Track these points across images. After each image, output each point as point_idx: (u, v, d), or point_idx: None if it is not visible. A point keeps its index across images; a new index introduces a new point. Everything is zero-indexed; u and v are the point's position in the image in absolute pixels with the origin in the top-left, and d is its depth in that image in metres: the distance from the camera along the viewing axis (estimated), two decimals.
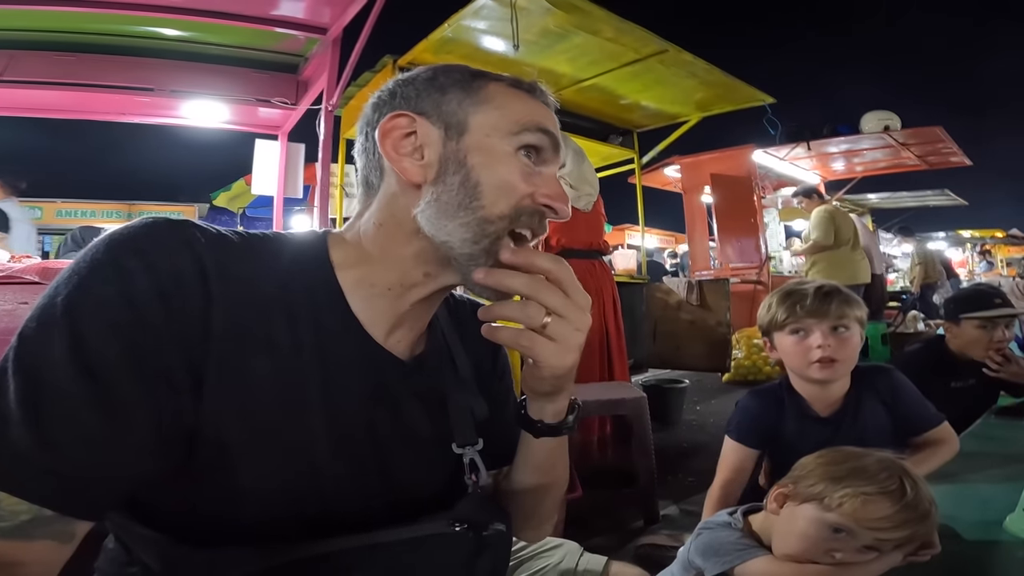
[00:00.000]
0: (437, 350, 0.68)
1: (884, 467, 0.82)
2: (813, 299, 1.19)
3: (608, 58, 3.54)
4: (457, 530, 0.58)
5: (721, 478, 1.23)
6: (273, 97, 3.41)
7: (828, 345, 1.17)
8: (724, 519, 0.98)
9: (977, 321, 1.86)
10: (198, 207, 10.85)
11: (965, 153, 6.75)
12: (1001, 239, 14.24)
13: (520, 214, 0.58)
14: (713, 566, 0.89)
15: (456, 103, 0.59)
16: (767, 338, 1.31)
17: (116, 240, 0.50)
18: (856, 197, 8.92)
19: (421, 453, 0.63)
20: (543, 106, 0.63)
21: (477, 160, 0.58)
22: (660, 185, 7.24)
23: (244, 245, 0.56)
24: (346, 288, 0.59)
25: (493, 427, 0.68)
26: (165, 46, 3.20)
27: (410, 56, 3.31)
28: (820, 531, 0.80)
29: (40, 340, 0.45)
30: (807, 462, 0.89)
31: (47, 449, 0.43)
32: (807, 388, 1.25)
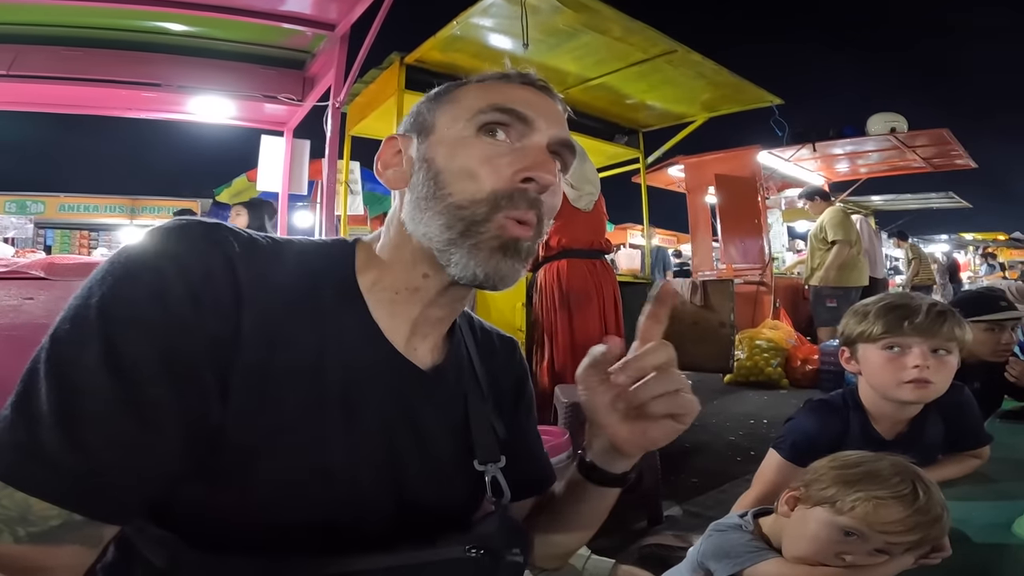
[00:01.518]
0: (459, 363, 0.67)
1: (897, 471, 0.82)
2: (926, 317, 1.08)
3: (616, 57, 3.54)
4: (473, 555, 0.57)
5: (759, 492, 1.15)
6: (279, 93, 3.41)
7: (927, 366, 1.07)
8: (735, 521, 0.98)
9: (984, 324, 1.85)
10: (200, 202, 10.83)
11: (970, 155, 6.74)
12: (1004, 242, 14.21)
13: (499, 196, 0.57)
14: (724, 568, 0.89)
15: (427, 110, 0.63)
16: (847, 348, 1.20)
17: (150, 242, 0.50)
18: (859, 199, 8.91)
19: (439, 466, 0.62)
20: (515, 87, 0.62)
21: (438, 152, 0.60)
22: (664, 185, 7.23)
23: (274, 250, 0.57)
24: (366, 293, 0.60)
25: (513, 457, 0.67)
26: (172, 41, 3.20)
27: (417, 53, 3.30)
28: (831, 534, 0.81)
29: (73, 343, 0.45)
30: (819, 466, 0.89)
31: (79, 454, 0.42)
32: (882, 406, 1.15)
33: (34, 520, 0.42)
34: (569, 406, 2.35)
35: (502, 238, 0.57)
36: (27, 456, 0.42)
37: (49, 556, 0.43)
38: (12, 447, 0.43)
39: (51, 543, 0.43)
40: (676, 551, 1.59)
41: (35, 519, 0.42)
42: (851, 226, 4.62)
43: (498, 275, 0.57)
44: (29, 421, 0.43)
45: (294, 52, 3.38)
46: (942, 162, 7.04)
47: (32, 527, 0.42)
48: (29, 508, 0.42)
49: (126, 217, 10.53)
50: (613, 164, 5.01)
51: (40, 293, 1.89)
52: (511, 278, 0.58)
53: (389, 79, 3.44)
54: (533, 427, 0.79)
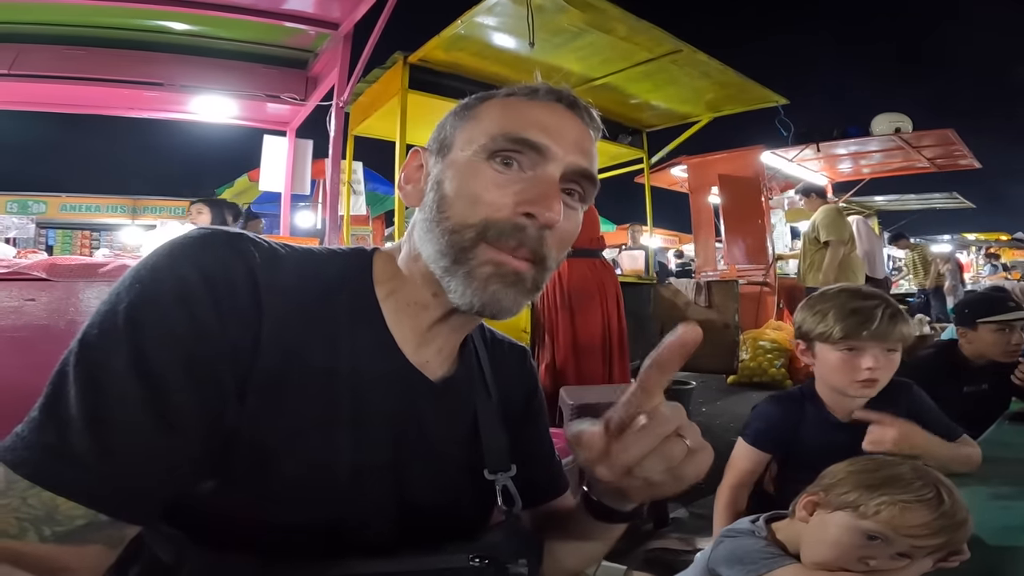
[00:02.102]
0: (469, 375, 0.67)
1: (919, 476, 0.81)
2: (881, 322, 1.14)
3: (621, 57, 3.53)
4: (476, 565, 0.56)
5: (731, 481, 1.23)
6: (282, 93, 3.41)
7: (879, 368, 1.14)
8: (747, 527, 0.96)
9: (994, 325, 1.85)
10: None
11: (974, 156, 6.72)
12: (1006, 242, 14.19)
13: (488, 227, 0.55)
14: (738, 574, 0.88)
15: (449, 127, 0.62)
16: (804, 343, 1.26)
17: (176, 250, 0.51)
18: (863, 199, 8.89)
19: (447, 476, 0.63)
20: (542, 106, 0.60)
21: (449, 174, 0.59)
22: (666, 185, 7.22)
23: (294, 259, 0.58)
24: (381, 302, 0.60)
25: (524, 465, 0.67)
26: (174, 40, 3.21)
27: (421, 53, 3.30)
28: (854, 538, 0.80)
29: (103, 348, 0.46)
30: (837, 470, 0.88)
31: (106, 456, 0.44)
32: (834, 397, 1.23)
33: (60, 520, 0.43)
34: (575, 408, 2.33)
35: (498, 268, 0.55)
36: (56, 457, 0.43)
37: (73, 556, 0.44)
38: (41, 448, 0.44)
39: (76, 543, 0.44)
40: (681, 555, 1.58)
41: (61, 519, 0.43)
42: (844, 225, 4.46)
43: (497, 305, 0.56)
44: (58, 423, 0.44)
45: (297, 51, 3.38)
46: (946, 162, 7.03)
47: (58, 527, 0.43)
48: (56, 508, 0.43)
49: (128, 217, 10.52)
50: (617, 164, 5.00)
51: (41, 294, 1.87)
52: (511, 310, 0.56)
53: (392, 78, 3.43)
54: (545, 434, 0.79)
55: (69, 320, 1.82)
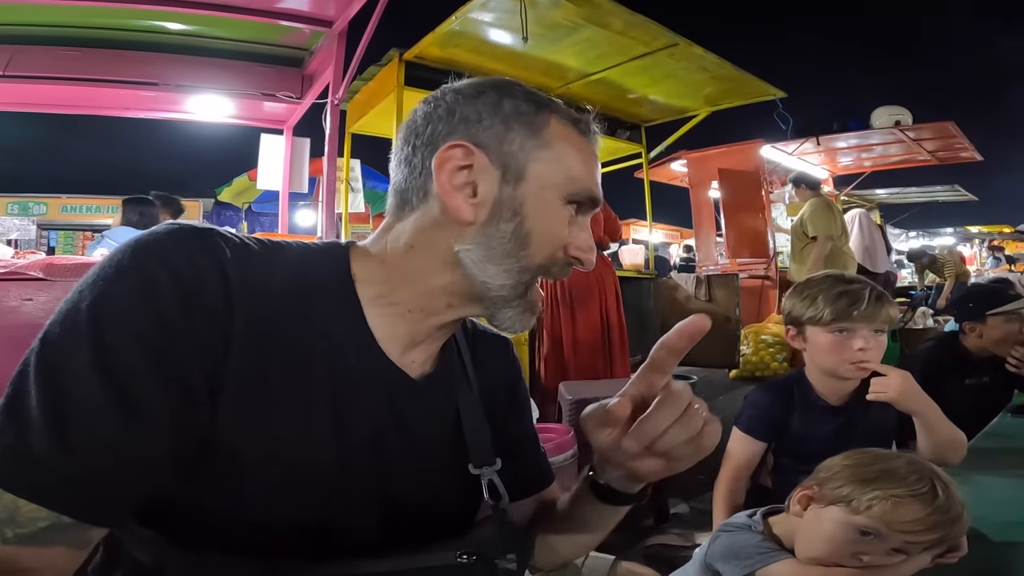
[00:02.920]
0: (450, 370, 0.67)
1: (914, 469, 0.80)
2: (869, 303, 1.18)
3: (617, 52, 3.51)
4: (464, 562, 0.57)
5: (728, 473, 1.24)
6: (278, 91, 3.41)
7: (870, 348, 1.17)
8: (743, 521, 0.96)
9: (1003, 317, 1.85)
10: (202, 202, 10.84)
11: (976, 148, 6.69)
12: (1009, 235, 14.15)
13: (551, 265, 0.60)
14: (734, 569, 0.87)
15: (519, 145, 0.58)
16: (795, 328, 1.29)
17: (142, 246, 0.50)
18: (864, 192, 8.87)
19: (431, 474, 0.62)
20: (592, 151, 0.63)
21: (531, 210, 0.58)
22: (666, 180, 7.21)
23: (266, 255, 0.56)
24: (365, 304, 0.59)
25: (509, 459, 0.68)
26: (169, 40, 3.20)
27: (416, 50, 3.29)
28: (847, 534, 0.79)
29: (64, 346, 0.45)
30: (832, 464, 0.87)
31: (68, 457, 0.43)
32: (824, 381, 1.26)
33: (22, 522, 0.42)
34: (574, 403, 2.33)
35: (533, 302, 0.62)
36: (16, 458, 0.43)
37: (35, 557, 0.43)
38: (1, 449, 0.43)
39: (38, 544, 0.43)
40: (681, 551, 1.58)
41: (23, 520, 0.42)
42: (832, 219, 4.27)
43: (527, 328, 0.62)
44: (19, 424, 0.43)
45: (292, 50, 3.38)
46: (947, 155, 7.00)
47: (20, 528, 0.42)
48: (17, 510, 0.42)
49: None
50: (615, 159, 4.99)
51: (39, 294, 1.87)
52: (529, 328, 0.63)
53: (388, 76, 3.42)
54: (529, 427, 0.79)
55: None
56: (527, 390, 0.80)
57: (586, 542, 0.73)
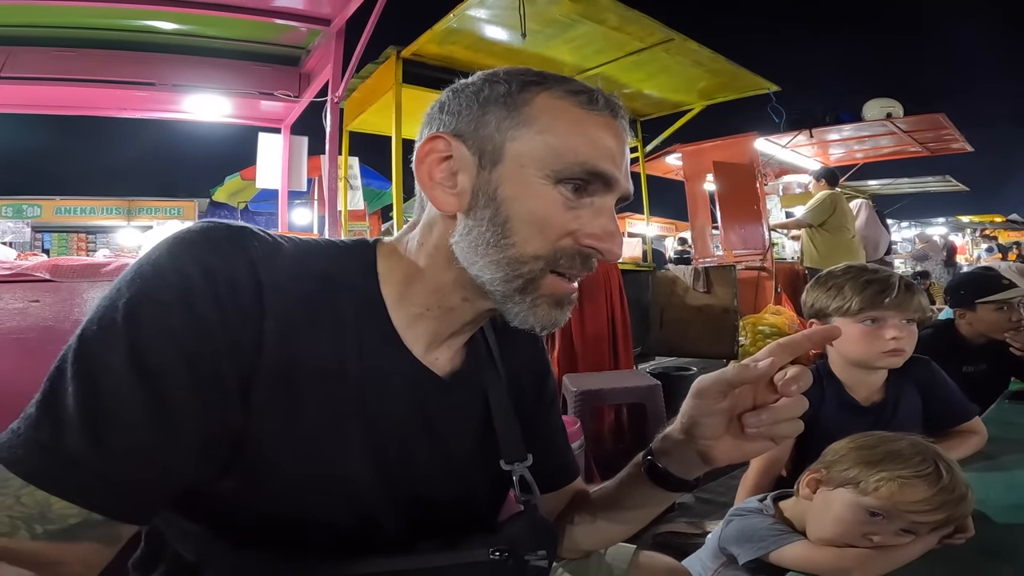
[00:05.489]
0: (478, 366, 0.66)
1: (918, 451, 0.83)
2: (899, 291, 1.16)
3: (613, 47, 3.51)
4: (496, 558, 0.57)
5: (757, 465, 1.21)
6: (276, 90, 3.39)
7: (903, 336, 1.15)
8: (755, 505, 0.99)
9: (993, 305, 1.86)
10: (198, 202, 10.79)
11: (967, 139, 6.74)
12: (1000, 224, 14.23)
13: (559, 256, 0.55)
14: (748, 552, 0.90)
15: (494, 125, 0.55)
16: (819, 321, 1.25)
17: (178, 245, 0.50)
18: (857, 184, 8.90)
19: (462, 471, 0.63)
20: (601, 122, 0.56)
21: (509, 193, 0.54)
22: (662, 173, 7.21)
23: (296, 253, 0.56)
24: (389, 302, 0.59)
25: (538, 452, 0.67)
26: (165, 40, 3.18)
27: (414, 47, 3.28)
28: (856, 515, 0.81)
29: (101, 344, 0.46)
30: (839, 447, 0.89)
31: (101, 455, 0.43)
32: (852, 375, 1.23)
33: (53, 518, 0.43)
34: (579, 395, 2.36)
35: (561, 296, 0.57)
36: (51, 456, 0.43)
37: (64, 552, 0.43)
38: (36, 446, 0.43)
39: (68, 540, 0.43)
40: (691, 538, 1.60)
41: (54, 517, 0.43)
42: (826, 210, 4.60)
43: (552, 325, 0.58)
44: (54, 421, 0.44)
45: (290, 48, 3.36)
46: (938, 146, 7.04)
47: (50, 524, 0.43)
48: (49, 507, 0.43)
49: (123, 219, 10.49)
50: None
51: (46, 295, 1.88)
52: (561, 324, 0.59)
53: (386, 74, 3.41)
54: (557, 420, 0.79)
55: (74, 321, 1.83)
56: (555, 384, 0.79)
57: (630, 527, 0.73)
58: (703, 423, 0.57)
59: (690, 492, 0.67)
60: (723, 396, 0.55)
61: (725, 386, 0.55)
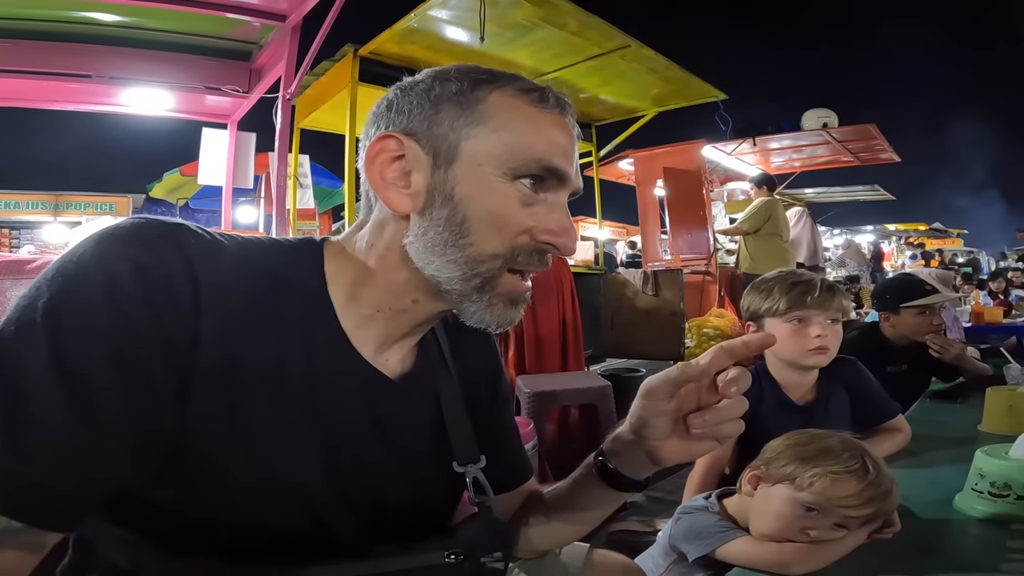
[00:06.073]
0: (431, 367, 0.65)
1: (847, 448, 0.86)
2: (820, 291, 1.24)
3: (571, 52, 3.56)
4: (452, 561, 0.56)
5: (702, 464, 1.26)
6: (223, 85, 3.28)
7: (826, 335, 1.23)
8: (701, 503, 1.01)
9: (916, 309, 1.99)
10: (132, 198, 10.23)
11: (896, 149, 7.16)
12: (924, 232, 15.21)
13: (517, 253, 0.56)
14: (696, 549, 0.92)
15: (448, 124, 0.55)
16: (754, 323, 1.34)
17: (104, 241, 0.48)
18: (795, 191, 9.31)
19: (415, 474, 0.62)
20: (553, 120, 0.57)
21: (466, 192, 0.54)
22: (614, 178, 7.34)
23: (239, 252, 0.54)
24: (337, 304, 0.57)
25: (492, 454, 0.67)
26: (105, 32, 3.03)
27: (372, 46, 3.23)
28: (794, 510, 0.84)
29: (19, 346, 0.43)
30: (776, 445, 0.93)
31: (21, 461, 0.42)
32: (786, 375, 1.31)
33: None
34: (532, 396, 2.39)
35: (517, 294, 0.58)
36: None
37: None
38: None
39: None
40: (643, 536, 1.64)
41: None
42: (760, 217, 4.77)
43: (507, 323, 0.58)
44: None
45: (240, 43, 3.26)
46: (868, 156, 7.42)
47: None
48: None
49: (50, 214, 9.84)
50: None
51: None
52: (515, 322, 0.59)
53: (342, 71, 3.35)
54: (510, 421, 0.79)
55: None
56: (508, 384, 0.79)
57: (583, 527, 0.73)
58: (651, 424, 0.58)
59: (640, 492, 0.67)
60: (670, 396, 0.57)
61: (671, 386, 0.57)
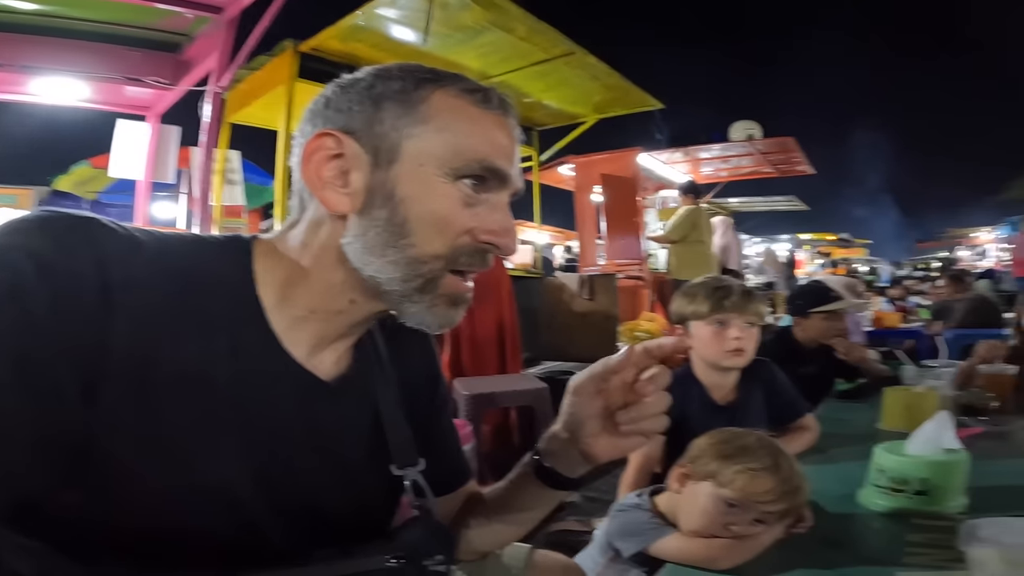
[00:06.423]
0: (367, 369, 0.64)
1: (762, 445, 0.92)
2: (737, 295, 1.35)
3: (518, 56, 3.60)
4: (393, 565, 0.56)
5: (634, 463, 1.30)
6: (146, 76, 3.09)
7: (743, 337, 1.33)
8: (634, 501, 1.05)
9: (824, 314, 2.17)
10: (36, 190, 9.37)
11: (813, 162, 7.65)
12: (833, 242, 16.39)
13: (459, 254, 0.55)
14: (630, 546, 0.96)
15: (390, 123, 0.54)
16: (682, 326, 1.43)
17: (6, 235, 0.45)
18: (721, 200, 9.77)
19: (352, 478, 0.60)
20: (495, 121, 0.57)
21: (407, 192, 0.53)
22: (554, 183, 7.45)
23: (158, 248, 0.51)
24: (268, 305, 0.55)
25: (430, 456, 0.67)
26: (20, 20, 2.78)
27: (314, 42, 3.14)
28: (717, 506, 0.87)
29: None
30: (700, 443, 0.96)
31: None
32: (710, 376, 1.40)
33: None
34: (470, 398, 2.39)
35: (458, 295, 0.57)
36: None
37: None
38: None
39: None
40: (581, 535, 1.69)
41: None
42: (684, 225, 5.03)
43: (448, 324, 0.58)
44: None
45: (169, 34, 3.10)
46: (787, 168, 7.90)
47: None
48: None
49: None
50: None
51: None
52: (456, 323, 0.59)
53: (279, 66, 3.24)
54: (449, 423, 0.78)
55: None
56: (446, 386, 0.78)
57: (523, 527, 0.74)
58: (583, 422, 0.61)
59: (576, 490, 0.68)
60: (597, 391, 0.60)
61: (596, 380, 0.60)
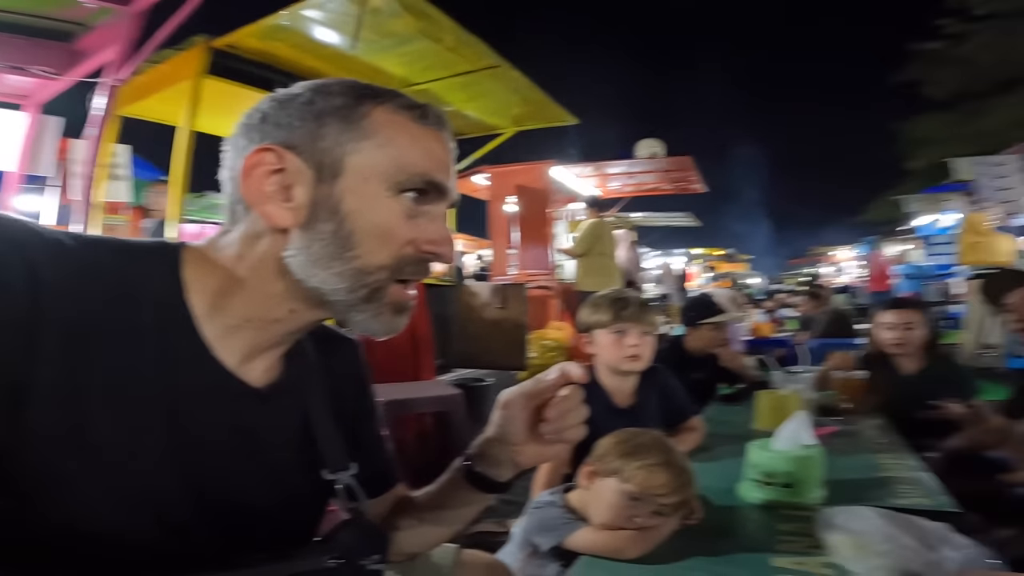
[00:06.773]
0: (298, 375, 0.65)
1: (655, 442, 1.00)
2: (634, 307, 1.48)
3: (443, 66, 3.62)
4: (332, 566, 0.57)
5: (544, 465, 1.36)
6: (30, 65, 2.82)
7: (639, 344, 1.47)
8: (548, 499, 1.11)
9: (710, 326, 2.42)
10: None
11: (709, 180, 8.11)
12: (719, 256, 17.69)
13: (403, 264, 0.58)
14: (547, 540, 1.02)
15: (332, 138, 0.55)
16: (586, 335, 1.55)
17: None
18: (624, 215, 10.24)
19: (283, 483, 0.62)
20: (434, 136, 0.60)
21: (352, 206, 0.55)
22: (469, 192, 7.45)
23: (84, 253, 0.51)
24: (199, 313, 0.55)
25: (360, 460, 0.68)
26: None
27: (230, 39, 3.00)
28: (621, 500, 0.94)
29: None
30: (605, 443, 1.03)
31: None
32: (611, 381, 1.52)
33: None
34: (385, 405, 2.39)
35: (402, 303, 0.60)
36: None
37: None
38: None
39: None
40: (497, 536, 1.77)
41: None
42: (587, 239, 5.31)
43: (393, 331, 0.61)
44: None
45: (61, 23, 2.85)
46: (684, 185, 8.33)
47: None
48: None
49: None
50: None
51: None
52: (400, 329, 0.61)
53: (186, 61, 3.05)
54: (378, 427, 0.80)
55: None
56: (374, 392, 0.80)
57: (452, 529, 0.77)
58: (511, 431, 0.67)
59: (504, 493, 0.73)
60: (524, 407, 0.67)
61: (525, 398, 0.67)
